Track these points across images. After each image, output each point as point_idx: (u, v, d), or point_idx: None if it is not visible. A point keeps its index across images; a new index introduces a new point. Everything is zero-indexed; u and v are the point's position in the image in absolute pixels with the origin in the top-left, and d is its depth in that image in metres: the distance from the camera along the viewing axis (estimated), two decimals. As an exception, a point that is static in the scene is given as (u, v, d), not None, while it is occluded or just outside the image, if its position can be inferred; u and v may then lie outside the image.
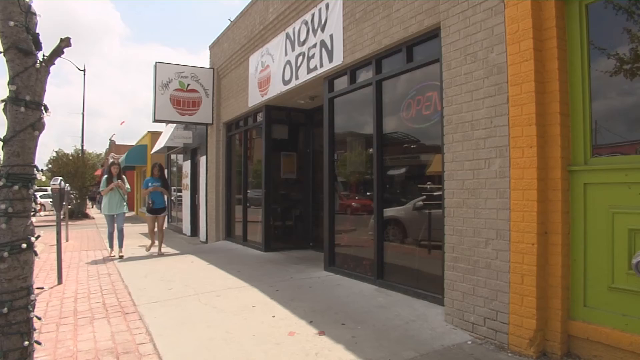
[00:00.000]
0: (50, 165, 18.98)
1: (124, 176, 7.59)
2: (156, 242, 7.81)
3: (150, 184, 7.65)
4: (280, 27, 6.81)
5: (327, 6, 5.50)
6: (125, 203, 7.36)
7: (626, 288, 2.53)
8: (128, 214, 26.59)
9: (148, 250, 7.76)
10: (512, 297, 2.93)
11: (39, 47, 2.00)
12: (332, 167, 5.71)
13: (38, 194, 2.12)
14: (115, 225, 7.36)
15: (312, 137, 8.02)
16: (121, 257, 7.08)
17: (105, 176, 7.40)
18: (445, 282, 3.50)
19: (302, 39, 6.12)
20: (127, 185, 7.48)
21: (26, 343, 1.93)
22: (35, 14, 1.99)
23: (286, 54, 6.59)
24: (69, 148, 31.70)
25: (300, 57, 6.15)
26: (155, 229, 7.74)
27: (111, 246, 7.47)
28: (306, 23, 6.00)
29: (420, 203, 4.39)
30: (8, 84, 1.94)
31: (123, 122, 51.55)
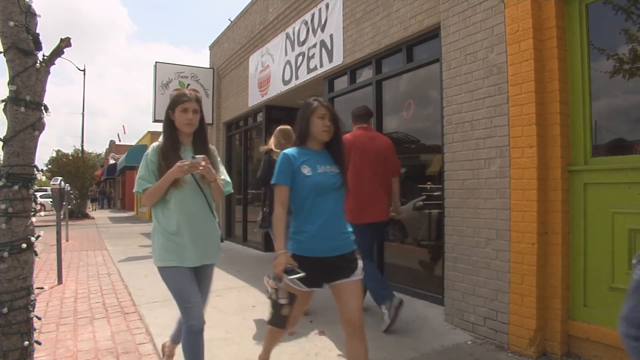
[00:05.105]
0: (50, 165, 18.97)
1: (211, 147, 2.36)
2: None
3: (311, 167, 2.16)
4: (280, 27, 6.80)
5: (327, 6, 5.50)
6: (217, 225, 2.34)
7: (626, 288, 2.52)
8: (126, 214, 25.91)
9: None
10: (512, 297, 2.93)
11: (39, 47, 2.00)
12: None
13: (38, 194, 2.11)
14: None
15: (312, 137, 8.01)
16: None
17: (156, 144, 2.22)
18: (445, 282, 3.50)
19: (302, 39, 6.12)
20: (224, 175, 2.35)
21: (26, 343, 1.93)
22: (35, 14, 1.99)
23: (286, 54, 6.58)
24: (70, 148, 31.69)
25: (300, 57, 6.15)
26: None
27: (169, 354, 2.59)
28: (306, 23, 6.00)
29: (420, 203, 4.39)
30: (8, 84, 1.94)
31: (124, 126, 51.74)
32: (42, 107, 2.01)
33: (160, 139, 2.27)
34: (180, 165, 2.06)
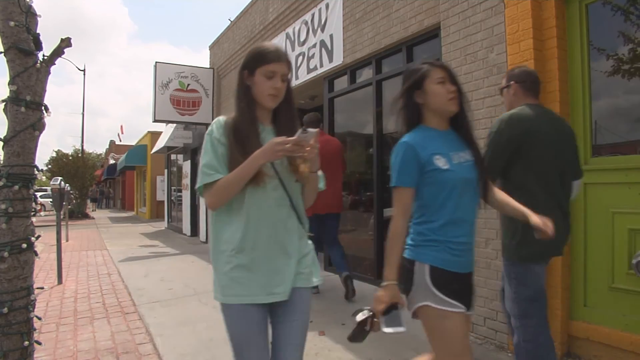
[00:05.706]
0: (50, 165, 18.98)
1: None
2: None
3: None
4: (280, 27, 6.80)
5: (327, 6, 5.50)
6: (307, 239, 1.57)
7: (626, 288, 2.53)
8: (126, 214, 26.09)
9: None
10: (512, 297, 2.92)
11: (39, 47, 2.00)
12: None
13: (38, 194, 2.11)
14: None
15: (312, 137, 8.02)
16: None
17: (223, 119, 1.47)
18: (445, 282, 3.50)
19: (302, 39, 6.12)
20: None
21: (26, 343, 1.93)
22: (35, 14, 1.99)
23: (286, 54, 6.58)
24: (70, 148, 31.69)
25: (300, 57, 6.15)
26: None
27: None
28: (306, 23, 6.00)
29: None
30: (8, 84, 1.94)
31: (122, 126, 51.97)
32: (43, 107, 2.02)
33: (225, 119, 1.48)
34: (280, 142, 1.32)
